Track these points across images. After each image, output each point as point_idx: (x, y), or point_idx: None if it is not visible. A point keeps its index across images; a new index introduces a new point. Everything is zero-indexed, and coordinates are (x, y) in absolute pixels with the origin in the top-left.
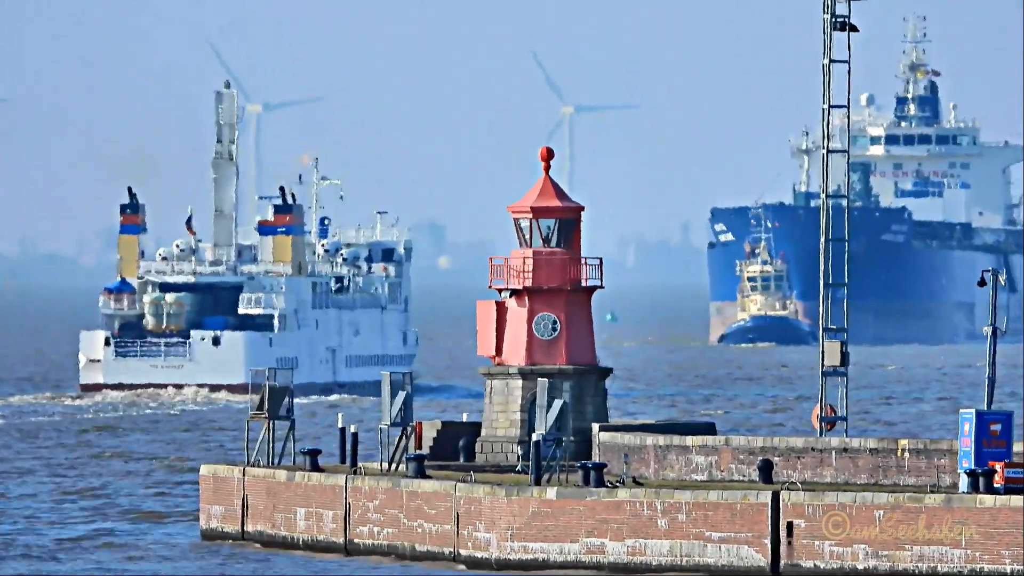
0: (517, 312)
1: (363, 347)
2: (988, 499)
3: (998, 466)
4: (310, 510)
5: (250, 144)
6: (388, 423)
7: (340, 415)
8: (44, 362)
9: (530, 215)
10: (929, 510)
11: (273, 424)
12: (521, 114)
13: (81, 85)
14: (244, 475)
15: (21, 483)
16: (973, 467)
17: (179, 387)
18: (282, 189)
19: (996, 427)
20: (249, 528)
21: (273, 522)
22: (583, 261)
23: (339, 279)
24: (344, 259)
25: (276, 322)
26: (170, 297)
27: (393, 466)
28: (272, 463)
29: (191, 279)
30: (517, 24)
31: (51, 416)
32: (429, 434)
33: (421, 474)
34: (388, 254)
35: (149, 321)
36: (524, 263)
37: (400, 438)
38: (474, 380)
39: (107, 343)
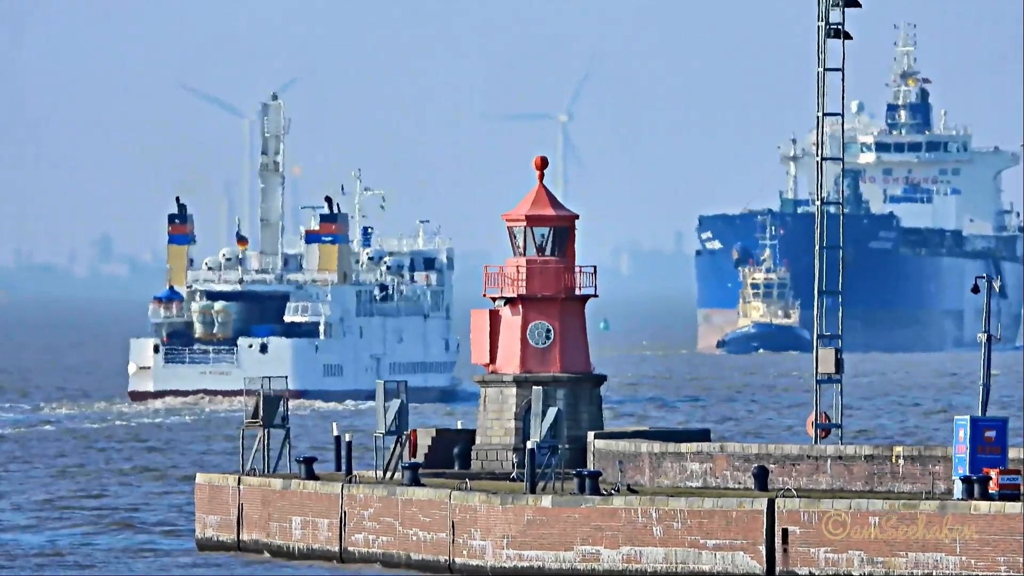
0: (511, 320)
1: (406, 354)
2: (983, 505)
3: (993, 472)
4: (305, 519)
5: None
6: (383, 431)
7: (335, 424)
8: (71, 369)
9: (524, 223)
10: (924, 516)
11: (268, 433)
12: (518, 123)
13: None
14: (239, 484)
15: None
16: (968, 474)
17: (227, 394)
18: (328, 199)
19: (991, 434)
20: (244, 537)
21: (268, 531)
22: (577, 269)
23: (383, 287)
24: (388, 267)
25: (322, 330)
26: (218, 305)
27: (388, 474)
28: (267, 471)
29: (238, 287)
30: (515, 32)
31: (111, 422)
32: (424, 442)
33: (416, 482)
34: (430, 263)
35: (197, 329)
36: (518, 271)
37: (395, 446)
38: None
39: (156, 350)
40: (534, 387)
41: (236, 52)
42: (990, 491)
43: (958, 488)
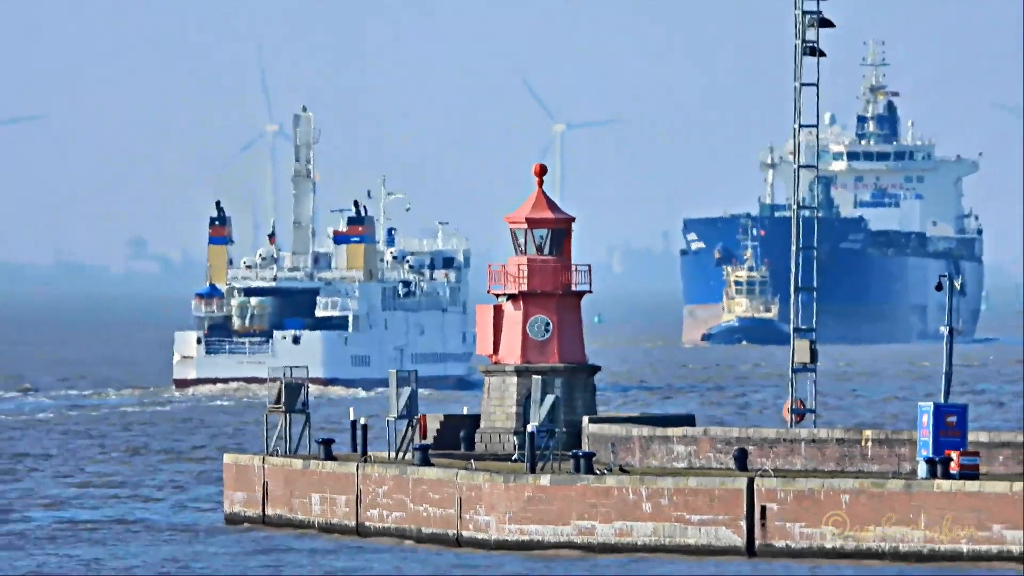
0: (513, 315)
1: (427, 346)
2: (945, 484)
3: (954, 454)
4: (324, 495)
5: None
6: (395, 416)
7: (352, 409)
8: (118, 359)
9: (525, 225)
10: (891, 494)
11: (289, 417)
12: (517, 133)
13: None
14: (264, 463)
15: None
16: (931, 455)
17: (262, 381)
18: (356, 203)
19: (952, 419)
20: (269, 512)
21: (291, 507)
22: (573, 268)
23: (406, 284)
24: (410, 266)
25: (350, 323)
26: (254, 301)
27: (400, 455)
28: (289, 452)
29: (273, 284)
30: (512, 50)
31: (157, 406)
32: (433, 426)
33: (426, 462)
34: (449, 262)
35: (236, 322)
36: (519, 270)
37: (406, 429)
38: None
39: (199, 342)
40: (533, 376)
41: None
42: (951, 471)
43: (922, 468)
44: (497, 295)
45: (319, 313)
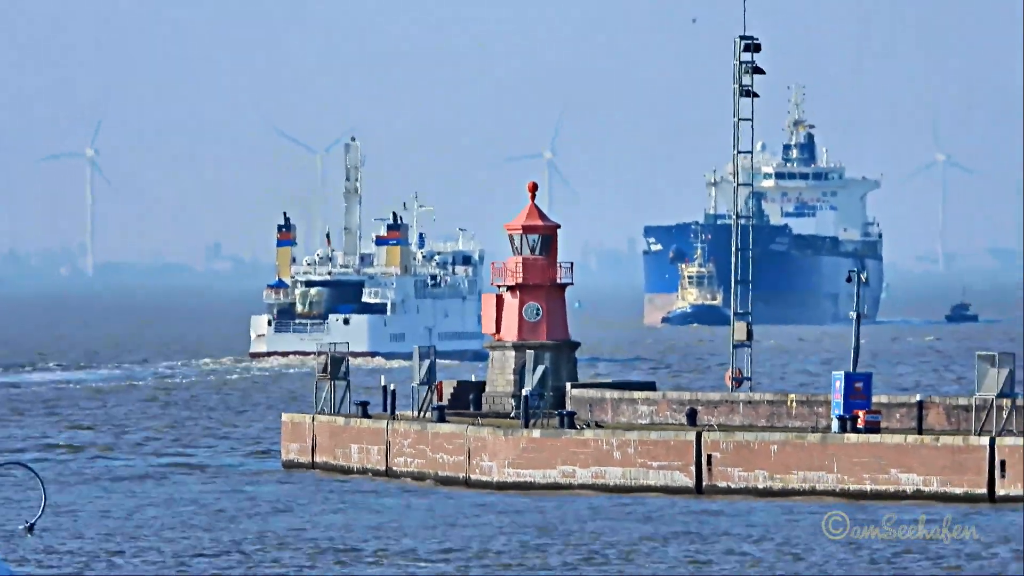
0: (511, 302)
1: (450, 326)
2: (853, 437)
3: (860, 413)
4: (361, 446)
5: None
6: (417, 382)
7: (383, 376)
8: (202, 338)
9: (520, 231)
10: (810, 446)
11: (333, 383)
12: (516, 159)
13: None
14: (313, 421)
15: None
16: (842, 414)
17: (319, 354)
18: (394, 214)
19: (859, 385)
20: (317, 460)
21: (334, 455)
22: (559, 265)
23: (433, 277)
24: (436, 263)
25: (389, 308)
26: (313, 291)
27: (421, 414)
28: (333, 412)
29: (327, 277)
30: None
31: (235, 374)
32: (448, 390)
33: (442, 420)
34: (467, 259)
35: (298, 308)
36: (516, 267)
37: (427, 393)
38: None
39: (269, 323)
40: (527, 351)
41: (302, 103)
42: (858, 426)
43: (835, 425)
44: (499, 286)
45: (365, 300)
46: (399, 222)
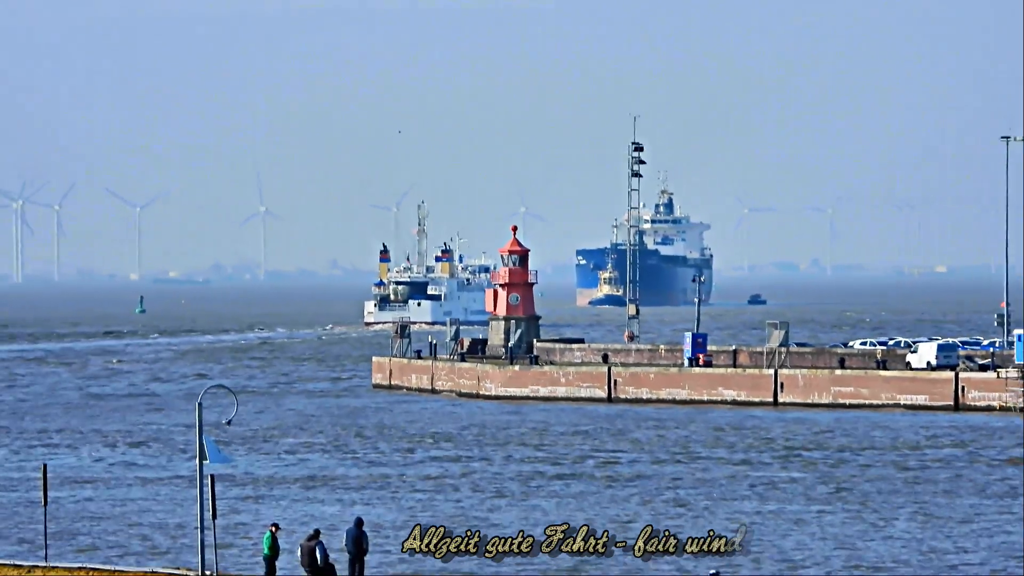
0: (502, 293)
1: (476, 307)
2: (697, 369)
3: (700, 356)
4: (418, 375)
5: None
6: (449, 339)
7: (429, 336)
8: (334, 315)
9: (508, 253)
10: (671, 374)
11: (402, 340)
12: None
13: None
14: (390, 361)
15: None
16: (691, 356)
17: (395, 323)
18: (444, 244)
19: (700, 340)
20: (393, 383)
21: (403, 380)
22: (530, 272)
23: (468, 280)
24: (469, 272)
25: (443, 297)
26: (400, 287)
27: (451, 357)
28: (401, 356)
29: (408, 279)
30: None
31: (352, 337)
32: (466, 343)
33: (463, 360)
34: (486, 269)
35: (391, 296)
36: (505, 273)
37: (455, 345)
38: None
39: (375, 306)
40: (511, 321)
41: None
42: (700, 364)
43: (686, 363)
44: (495, 284)
45: (428, 292)
46: (447, 247)
